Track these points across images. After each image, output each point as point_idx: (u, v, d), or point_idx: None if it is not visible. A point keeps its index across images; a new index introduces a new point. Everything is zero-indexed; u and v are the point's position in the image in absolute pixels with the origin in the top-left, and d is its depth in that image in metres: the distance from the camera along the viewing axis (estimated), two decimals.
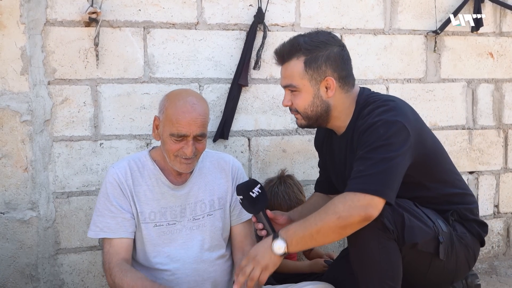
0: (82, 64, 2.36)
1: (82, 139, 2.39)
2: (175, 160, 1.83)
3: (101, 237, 1.86)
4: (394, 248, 1.66)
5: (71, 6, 2.32)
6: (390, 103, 1.76)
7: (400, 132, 1.67)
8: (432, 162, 1.82)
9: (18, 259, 2.33)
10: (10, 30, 2.24)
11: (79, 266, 2.42)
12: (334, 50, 1.79)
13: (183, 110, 1.78)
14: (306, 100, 1.81)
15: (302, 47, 1.78)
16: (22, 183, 2.31)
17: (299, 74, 1.79)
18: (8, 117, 2.28)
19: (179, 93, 1.88)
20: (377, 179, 1.60)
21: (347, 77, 1.83)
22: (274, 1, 2.57)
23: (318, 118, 1.85)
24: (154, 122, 1.88)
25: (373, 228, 1.62)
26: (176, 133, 1.77)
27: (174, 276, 1.88)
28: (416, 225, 1.68)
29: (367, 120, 1.72)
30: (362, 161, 1.66)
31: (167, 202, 1.90)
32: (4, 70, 2.25)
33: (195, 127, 1.78)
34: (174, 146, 1.79)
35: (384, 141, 1.65)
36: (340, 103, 1.83)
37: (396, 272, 1.68)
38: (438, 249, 1.71)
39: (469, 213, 1.86)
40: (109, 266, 1.81)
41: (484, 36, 2.91)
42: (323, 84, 1.79)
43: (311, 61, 1.77)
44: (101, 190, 1.89)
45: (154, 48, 2.44)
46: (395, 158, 1.63)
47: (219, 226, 1.96)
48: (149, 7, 2.42)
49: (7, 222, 2.30)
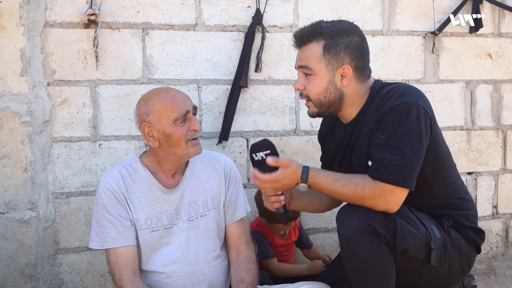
0: (81, 65, 2.38)
1: (81, 140, 2.40)
2: (187, 146, 1.83)
3: (105, 248, 1.85)
4: (386, 251, 1.67)
5: (70, 8, 2.34)
6: (408, 87, 1.78)
7: (422, 116, 1.68)
8: (441, 157, 1.82)
9: (17, 259, 2.34)
10: (9, 31, 2.26)
11: (78, 266, 2.44)
12: (354, 39, 1.78)
13: (170, 95, 1.83)
14: (320, 86, 1.78)
15: (324, 31, 1.75)
16: (22, 183, 2.33)
17: (317, 57, 1.76)
18: (7, 118, 2.30)
19: (153, 91, 1.90)
20: (404, 170, 1.64)
21: (364, 68, 1.81)
22: (273, 2, 2.58)
23: (330, 106, 1.81)
24: (145, 131, 1.84)
25: (365, 232, 1.63)
26: (179, 114, 1.80)
27: (170, 279, 1.88)
28: (408, 231, 1.69)
29: (388, 101, 1.71)
30: (388, 149, 1.66)
31: (162, 207, 1.89)
32: (3, 72, 2.27)
33: (189, 102, 1.85)
34: (181, 130, 1.81)
35: (408, 126, 1.66)
36: (354, 93, 1.81)
37: (388, 275, 1.68)
38: (430, 255, 1.71)
39: (466, 220, 1.85)
40: (119, 278, 1.81)
41: (483, 37, 2.91)
42: (339, 71, 1.77)
43: (331, 46, 1.75)
44: (97, 201, 1.88)
45: (152, 50, 2.46)
46: (420, 146, 1.67)
47: (214, 226, 1.96)
48: (147, 8, 2.43)
49: (6, 222, 2.32)
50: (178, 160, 1.88)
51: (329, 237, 2.76)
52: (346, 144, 1.89)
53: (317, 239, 2.70)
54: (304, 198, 1.98)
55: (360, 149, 1.79)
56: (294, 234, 2.57)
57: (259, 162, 1.77)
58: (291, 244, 2.58)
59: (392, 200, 1.65)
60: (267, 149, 1.77)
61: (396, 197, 1.65)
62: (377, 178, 1.65)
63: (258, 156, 1.76)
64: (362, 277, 1.68)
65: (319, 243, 2.69)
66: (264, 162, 1.75)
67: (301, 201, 1.99)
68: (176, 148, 1.83)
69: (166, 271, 1.88)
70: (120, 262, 1.82)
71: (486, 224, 3.00)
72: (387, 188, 1.64)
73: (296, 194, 1.97)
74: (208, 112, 2.55)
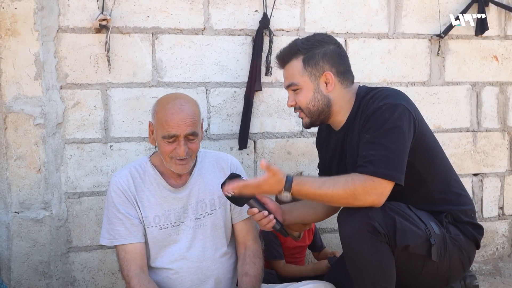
0: (93, 69, 2.45)
1: (92, 141, 2.48)
2: (170, 161, 1.90)
3: (115, 244, 1.93)
4: (386, 250, 1.71)
5: (83, 14, 2.41)
6: (391, 89, 1.88)
7: (405, 114, 1.76)
8: (432, 154, 1.88)
9: (31, 257, 2.42)
10: (24, 37, 2.34)
11: (90, 264, 2.51)
12: (330, 48, 1.90)
13: (171, 111, 1.85)
14: (307, 96, 1.90)
15: (300, 47, 1.89)
16: (36, 183, 2.41)
17: (299, 72, 1.89)
18: (22, 120, 2.37)
19: (168, 97, 1.97)
20: (389, 164, 1.70)
21: (345, 72, 1.92)
22: (279, 6, 2.63)
23: (320, 113, 1.92)
24: (149, 128, 1.96)
25: (365, 232, 1.68)
26: (167, 134, 1.84)
27: (178, 275, 1.95)
28: (408, 228, 1.73)
29: (372, 104, 1.81)
30: (373, 145, 1.74)
31: (170, 205, 1.96)
32: (18, 75, 2.35)
33: (184, 127, 1.84)
34: (167, 147, 1.87)
35: (392, 124, 1.74)
36: (341, 98, 1.91)
37: (389, 274, 1.72)
38: (430, 251, 1.75)
39: (464, 215, 1.90)
40: (127, 274, 1.88)
41: (489, 39, 2.93)
42: (322, 79, 1.89)
43: (309, 59, 1.88)
44: (107, 199, 1.96)
45: (162, 53, 2.52)
46: (403, 142, 1.73)
47: (221, 224, 2.02)
48: (157, 13, 2.50)
49: (21, 221, 2.40)
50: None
51: (335, 237, 2.80)
52: (340, 150, 1.97)
53: (324, 239, 2.74)
54: (297, 210, 2.02)
55: (352, 154, 1.86)
56: (308, 238, 2.60)
57: (233, 197, 1.81)
58: (304, 247, 2.61)
59: (379, 193, 1.69)
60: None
61: (383, 190, 1.70)
62: (364, 172, 1.71)
63: (229, 193, 1.80)
64: (362, 275, 1.72)
65: (326, 243, 2.73)
66: (238, 197, 1.80)
67: (294, 214, 2.02)
68: (163, 157, 1.92)
69: (174, 267, 1.95)
70: (128, 258, 1.89)
71: (492, 225, 3.02)
72: (376, 181, 1.68)
73: (288, 207, 2.02)
74: (216, 114, 2.61)
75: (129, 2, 2.46)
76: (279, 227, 1.90)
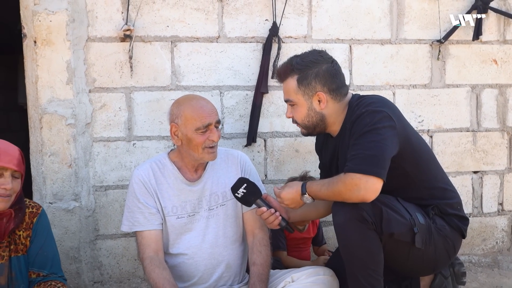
0: (118, 74, 2.69)
1: (117, 139, 2.72)
2: (203, 152, 2.09)
3: (134, 231, 2.15)
4: (374, 237, 1.89)
5: (109, 24, 2.66)
6: (376, 97, 2.02)
7: (385, 119, 1.91)
8: (418, 155, 2.03)
9: (63, 243, 2.66)
10: (58, 46, 2.59)
11: (115, 250, 2.75)
12: (322, 68, 2.03)
13: (199, 105, 2.08)
14: (302, 113, 2.08)
15: (294, 68, 2.04)
16: (67, 177, 2.65)
17: (294, 90, 2.06)
18: (55, 120, 2.63)
19: (187, 97, 2.17)
20: (367, 161, 1.84)
21: (337, 89, 2.05)
22: (288, 15, 2.84)
23: (315, 127, 2.10)
24: (172, 130, 2.11)
25: (354, 220, 1.87)
26: (201, 125, 2.04)
27: (193, 260, 2.15)
28: (393, 217, 1.90)
29: (356, 111, 1.97)
30: (354, 147, 1.90)
31: (186, 197, 2.16)
32: (52, 81, 2.61)
33: (214, 115, 2.08)
34: (200, 138, 2.06)
35: (371, 127, 1.89)
36: (334, 112, 2.07)
37: (377, 258, 1.91)
38: (414, 238, 1.92)
39: (449, 208, 2.06)
40: (142, 257, 2.09)
41: (488, 44, 3.07)
42: (315, 98, 2.04)
43: (303, 79, 2.03)
44: (129, 190, 2.17)
45: (180, 60, 2.75)
46: (382, 141, 1.87)
47: (232, 214, 2.22)
48: (176, 23, 2.73)
49: (54, 211, 2.65)
50: (195, 161, 2.15)
51: None
52: (337, 155, 2.13)
53: (328, 232, 2.93)
54: (300, 208, 2.15)
55: (344, 157, 2.01)
56: (312, 230, 2.78)
57: (243, 198, 2.07)
58: (308, 239, 2.79)
59: (362, 188, 1.82)
60: (243, 184, 2.08)
61: (364, 185, 1.82)
62: (346, 171, 1.87)
63: (239, 193, 2.07)
64: (353, 259, 1.91)
65: (328, 235, 2.93)
66: (246, 196, 2.06)
67: (298, 212, 2.21)
68: (194, 151, 2.09)
69: (189, 253, 2.15)
70: (144, 243, 2.10)
71: (492, 220, 3.16)
72: (356, 177, 1.83)
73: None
74: (229, 115, 2.83)
75: (150, 13, 2.70)
76: (285, 224, 2.11)
